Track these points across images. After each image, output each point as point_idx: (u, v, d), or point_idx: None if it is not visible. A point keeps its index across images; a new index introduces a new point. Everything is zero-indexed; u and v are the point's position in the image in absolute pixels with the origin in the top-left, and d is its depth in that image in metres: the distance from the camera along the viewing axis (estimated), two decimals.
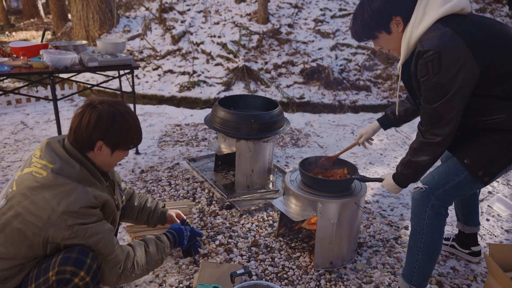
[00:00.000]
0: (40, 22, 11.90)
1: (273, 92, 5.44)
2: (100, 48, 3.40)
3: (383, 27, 1.65)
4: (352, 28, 1.74)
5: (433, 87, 1.50)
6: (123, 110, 1.55)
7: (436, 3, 1.54)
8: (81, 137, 1.50)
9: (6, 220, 1.39)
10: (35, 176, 1.41)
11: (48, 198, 1.37)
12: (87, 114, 1.49)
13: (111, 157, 1.58)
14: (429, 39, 1.49)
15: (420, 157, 1.65)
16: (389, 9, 1.60)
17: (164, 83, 5.73)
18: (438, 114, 1.53)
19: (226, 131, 2.87)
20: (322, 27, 6.53)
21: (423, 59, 1.49)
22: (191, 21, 6.77)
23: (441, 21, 1.52)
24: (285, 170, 3.42)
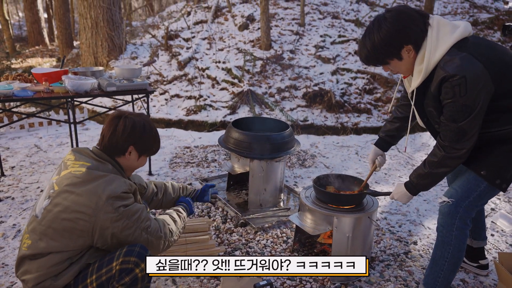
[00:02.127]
0: (45, 49, 12.19)
1: (277, 115, 5.62)
2: (118, 73, 3.58)
3: (395, 55, 1.74)
4: (361, 54, 1.81)
5: (460, 108, 1.63)
6: (149, 121, 1.81)
7: (447, 30, 1.67)
8: (116, 142, 1.70)
9: (54, 215, 1.55)
10: (75, 174, 1.59)
11: (93, 188, 1.55)
12: (121, 122, 1.71)
13: (137, 161, 1.80)
14: (451, 64, 1.61)
15: (440, 169, 1.78)
16: (400, 39, 1.69)
17: (171, 107, 5.90)
18: (463, 131, 1.67)
19: (240, 152, 3.01)
20: (323, 53, 6.79)
21: (449, 82, 1.61)
22: (196, 48, 7.02)
23: (455, 46, 1.65)
24: (294, 189, 3.53)
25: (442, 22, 1.70)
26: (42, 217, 1.57)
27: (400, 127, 2.22)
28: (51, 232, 1.54)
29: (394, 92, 6.17)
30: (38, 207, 1.62)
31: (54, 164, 4.01)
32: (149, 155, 1.86)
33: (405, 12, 1.71)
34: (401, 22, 1.68)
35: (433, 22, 1.70)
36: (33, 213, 1.63)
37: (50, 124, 5.17)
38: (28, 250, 1.56)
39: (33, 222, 1.60)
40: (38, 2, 12.12)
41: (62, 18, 9.71)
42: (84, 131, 5.11)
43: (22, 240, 1.63)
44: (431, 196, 3.59)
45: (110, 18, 6.69)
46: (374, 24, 1.74)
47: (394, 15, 1.70)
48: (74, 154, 1.70)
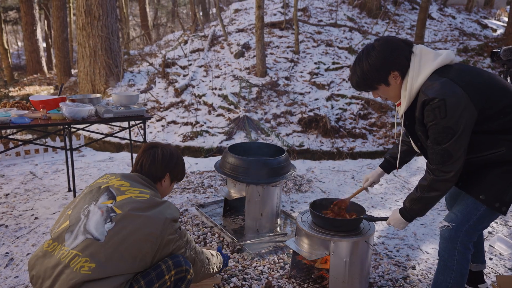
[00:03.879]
0: (43, 78, 12.33)
1: (274, 141, 5.65)
2: (115, 100, 3.62)
3: (383, 80, 1.84)
4: (352, 80, 1.93)
5: (442, 130, 1.68)
6: (178, 151, 2.01)
7: (429, 57, 1.77)
8: (155, 170, 1.87)
9: (122, 238, 1.58)
10: (139, 200, 1.69)
11: (158, 212, 1.68)
12: (160, 151, 1.89)
13: (169, 187, 1.97)
14: (431, 88, 1.69)
15: (431, 193, 1.80)
16: (387, 65, 1.80)
17: (167, 133, 5.94)
18: (448, 153, 1.70)
19: (236, 176, 3.01)
20: (317, 79, 6.91)
21: (429, 106, 1.68)
22: (193, 75, 7.13)
23: (437, 72, 1.74)
24: (291, 214, 3.52)
25: (425, 51, 1.79)
26: (106, 240, 1.56)
27: (406, 150, 2.26)
28: (118, 255, 1.56)
29: (394, 120, 6.22)
30: (96, 230, 1.58)
31: (50, 191, 3.99)
32: (178, 181, 2.03)
33: (392, 41, 1.81)
34: (388, 50, 1.79)
35: (417, 50, 1.80)
36: (86, 236, 1.58)
37: (46, 151, 5.17)
38: (92, 274, 1.50)
39: (91, 245, 1.55)
40: (38, 32, 12.35)
41: (61, 47, 9.88)
42: (80, 157, 5.11)
43: (74, 262, 1.53)
44: (428, 220, 3.58)
45: (108, 46, 6.82)
46: (364, 52, 1.85)
47: (382, 44, 1.81)
48: (127, 180, 1.79)
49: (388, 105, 6.44)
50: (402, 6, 10.79)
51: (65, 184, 4.16)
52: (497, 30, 10.79)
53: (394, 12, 9.90)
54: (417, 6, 10.57)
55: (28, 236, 3.06)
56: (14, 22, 15.21)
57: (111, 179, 1.79)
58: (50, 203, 3.67)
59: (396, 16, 10.02)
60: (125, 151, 5.61)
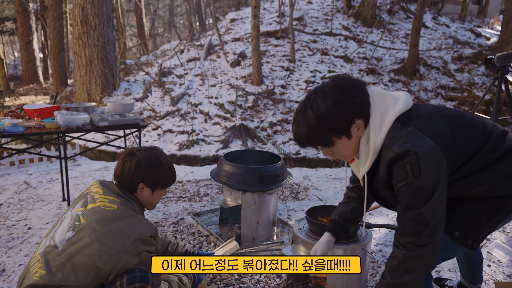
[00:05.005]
0: (39, 88, 12.31)
1: (270, 149, 5.64)
2: (110, 108, 3.60)
3: (344, 131, 1.44)
4: (298, 132, 1.48)
5: (416, 191, 1.36)
6: (158, 154, 1.82)
7: (388, 102, 1.46)
8: (124, 181, 1.74)
9: (77, 249, 1.51)
10: (105, 210, 1.58)
11: (122, 227, 1.56)
12: (127, 161, 1.75)
13: (153, 196, 1.81)
14: (396, 141, 1.37)
15: (405, 276, 1.42)
16: (352, 111, 1.41)
17: (163, 142, 5.91)
18: (424, 219, 1.37)
19: (232, 184, 2.99)
20: (313, 87, 6.92)
21: (399, 162, 1.36)
22: (189, 84, 7.14)
23: (398, 120, 1.43)
24: (288, 222, 3.49)
25: (381, 93, 1.49)
26: (63, 248, 1.52)
27: (356, 208, 1.89)
28: (70, 266, 1.50)
29: None
30: (58, 237, 1.56)
31: (44, 200, 3.94)
32: (164, 187, 1.85)
33: (349, 80, 1.48)
34: (349, 90, 1.43)
35: (372, 93, 1.47)
36: (50, 242, 1.57)
37: (41, 160, 5.13)
38: (40, 280, 1.49)
39: (50, 252, 1.54)
40: (34, 42, 12.37)
41: (57, 57, 9.89)
42: (75, 167, 5.07)
43: (32, 267, 1.55)
44: None
45: (104, 56, 6.82)
46: (316, 93, 1.44)
47: (338, 84, 1.45)
48: (103, 188, 1.71)
49: None
50: (397, 15, 10.90)
51: (60, 193, 4.12)
52: (490, 38, 10.91)
53: (388, 21, 9.99)
54: (411, 15, 10.68)
55: (20, 247, 3.01)
56: (11, 32, 15.24)
57: (92, 185, 1.76)
58: (44, 213, 3.63)
59: (390, 25, 10.11)
60: None
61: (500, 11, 16.84)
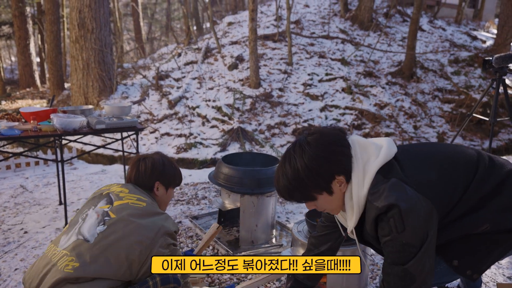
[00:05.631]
0: (36, 91, 12.26)
1: (268, 152, 5.63)
2: (107, 111, 3.58)
3: (324, 188, 1.39)
4: (278, 187, 1.43)
5: (400, 248, 1.30)
6: (166, 157, 2.00)
7: (371, 153, 1.40)
8: (142, 181, 1.86)
9: (111, 241, 1.57)
10: (136, 207, 1.68)
11: (153, 222, 1.65)
12: (142, 163, 1.89)
13: (166, 194, 1.94)
14: (379, 196, 1.31)
15: None
16: (331, 167, 1.36)
17: (161, 145, 5.89)
18: (410, 275, 1.30)
19: (230, 187, 2.97)
20: (311, 90, 6.93)
21: (383, 216, 1.31)
22: (186, 87, 7.12)
23: (380, 172, 1.36)
24: (286, 225, 3.47)
25: (363, 144, 1.42)
26: (95, 241, 1.57)
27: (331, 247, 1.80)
28: (104, 258, 1.54)
29: (388, 131, 6.22)
30: (88, 231, 1.61)
31: (40, 204, 3.91)
32: (175, 186, 2.02)
33: (331, 134, 1.41)
34: (330, 147, 1.37)
35: (354, 145, 1.41)
36: (77, 237, 1.61)
37: (38, 164, 5.09)
38: (74, 272, 1.50)
39: (80, 245, 1.57)
40: (31, 46, 12.33)
41: (54, 61, 9.86)
42: (72, 170, 5.03)
43: (61, 261, 1.55)
44: None
45: (101, 59, 6.80)
46: (295, 148, 1.39)
47: (318, 138, 1.38)
48: (127, 187, 1.80)
49: (382, 116, 6.46)
50: (393, 19, 10.95)
51: (56, 197, 4.09)
52: (486, 41, 10.97)
53: (385, 25, 10.03)
54: (408, 19, 10.73)
55: (16, 251, 2.97)
56: (8, 37, 15.21)
57: (113, 186, 1.83)
58: (40, 217, 3.59)
59: (387, 28, 10.15)
60: (118, 164, 5.54)
61: (495, 15, 16.96)
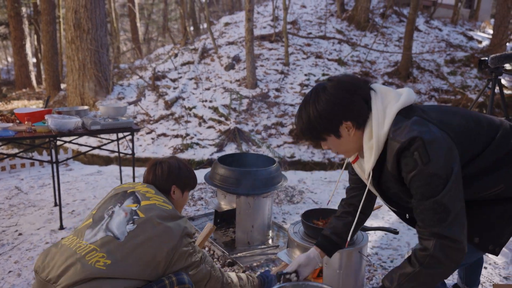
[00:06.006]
0: (32, 92, 12.21)
1: (265, 152, 5.61)
2: (103, 112, 3.56)
3: (332, 131, 1.47)
4: (297, 127, 1.56)
5: (428, 179, 1.30)
6: (181, 161, 2.02)
7: (391, 98, 1.45)
8: (160, 185, 1.88)
9: (140, 241, 1.59)
10: (162, 208, 1.71)
11: (178, 225, 1.70)
12: (158, 167, 1.91)
13: (182, 198, 1.97)
14: (401, 131, 1.35)
15: (436, 266, 1.32)
16: (339, 114, 1.43)
17: (157, 146, 5.87)
18: (443, 207, 1.30)
19: (226, 188, 2.95)
20: (308, 91, 6.91)
21: (406, 152, 1.33)
22: (183, 87, 7.10)
23: (401, 113, 1.41)
24: (283, 226, 3.46)
25: (384, 90, 1.49)
26: (125, 240, 1.58)
27: (350, 222, 1.79)
28: (133, 258, 1.56)
29: None
30: (117, 229, 1.61)
31: (35, 206, 3.88)
32: (190, 189, 2.04)
33: (347, 82, 1.48)
34: (342, 94, 1.44)
35: (376, 89, 1.49)
36: (106, 233, 1.60)
37: (33, 165, 5.06)
38: (106, 270, 1.51)
39: (110, 242, 1.57)
40: (27, 47, 12.28)
41: (50, 61, 9.82)
42: (67, 171, 5.00)
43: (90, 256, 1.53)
44: None
45: (97, 60, 6.77)
46: (312, 94, 1.49)
47: (334, 86, 1.46)
48: (152, 188, 1.82)
49: None
50: (390, 19, 10.96)
51: (51, 199, 4.06)
52: (482, 42, 11.00)
53: (382, 25, 10.04)
54: (404, 19, 10.75)
55: (10, 253, 2.95)
56: (4, 37, 15.13)
57: (137, 185, 1.84)
58: (35, 219, 3.57)
59: (384, 28, 10.16)
60: (114, 164, 5.52)
61: (491, 15, 17.02)
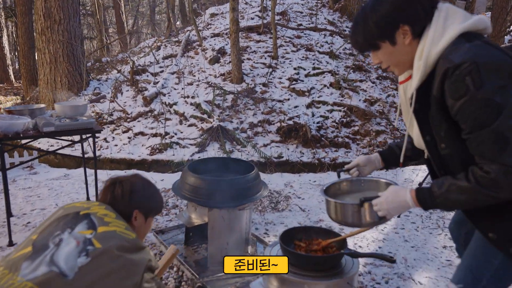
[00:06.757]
0: (10, 87, 11.65)
1: (250, 152, 5.21)
2: (59, 111, 3.13)
3: (388, 36, 1.37)
4: (352, 36, 1.48)
5: (482, 104, 1.16)
6: (146, 181, 1.70)
7: (457, 17, 1.30)
8: (118, 208, 1.53)
9: (95, 278, 1.28)
10: (123, 236, 1.41)
11: (141, 257, 1.41)
12: (118, 187, 1.58)
13: (145, 224, 1.67)
14: (456, 52, 1.21)
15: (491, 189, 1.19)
16: (397, 16, 1.34)
17: (134, 145, 5.43)
18: (501, 136, 1.15)
19: (197, 199, 2.55)
20: (297, 86, 6.51)
21: (455, 76, 1.18)
22: (164, 82, 6.65)
23: (464, 36, 1.25)
24: (264, 239, 3.06)
25: (453, 9, 1.33)
26: (76, 278, 1.27)
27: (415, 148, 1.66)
28: None
29: (379, 127, 5.85)
30: (65, 263, 1.28)
31: None
32: (155, 214, 1.74)
33: None
34: None
35: (442, 7, 1.33)
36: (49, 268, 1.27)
37: None
38: None
39: (55, 280, 1.25)
40: (4, 39, 11.71)
41: (27, 55, 9.28)
42: (31, 175, 4.56)
43: None
44: (419, 241, 3.17)
45: (70, 53, 6.30)
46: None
47: None
48: (113, 212, 1.51)
49: (372, 112, 6.07)
50: None
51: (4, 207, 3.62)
52: None
53: None
54: None
55: None
56: None
57: (93, 206, 1.52)
58: None
59: None
60: None
61: (486, 8, 16.73)
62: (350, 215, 1.58)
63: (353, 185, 1.87)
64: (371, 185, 1.82)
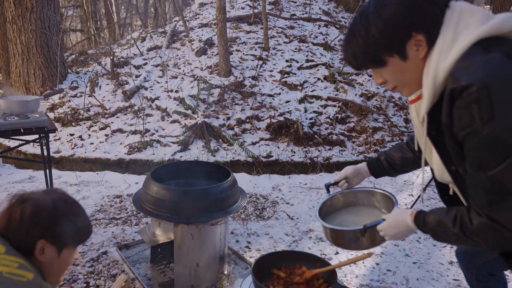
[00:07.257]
0: None
1: (237, 151, 4.80)
2: (4, 107, 2.69)
3: (397, 48, 1.07)
4: (347, 49, 1.15)
5: (485, 143, 0.94)
6: (63, 199, 1.26)
7: (474, 19, 1.00)
8: (14, 238, 1.16)
9: None
10: (12, 280, 1.06)
11: None
12: (17, 210, 1.18)
13: (59, 259, 1.23)
14: (466, 69, 0.94)
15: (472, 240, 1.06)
16: (409, 22, 1.03)
17: (111, 144, 5.00)
18: (498, 186, 0.95)
19: (160, 214, 2.14)
20: (289, 79, 6.09)
21: (461, 100, 0.94)
22: (146, 75, 6.21)
23: (480, 44, 0.97)
24: (245, 255, 2.66)
25: (468, 8, 1.03)
26: None
27: (407, 158, 1.58)
28: None
29: (377, 124, 5.44)
30: None
31: None
32: (76, 245, 1.31)
33: None
34: None
35: (455, 6, 1.03)
36: None
37: None
38: None
39: None
40: None
41: (4, 46, 8.76)
42: None
43: None
44: (422, 257, 2.78)
45: (44, 43, 5.83)
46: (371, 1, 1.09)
47: None
48: (4, 244, 1.14)
49: (369, 108, 5.66)
50: None
51: None
52: None
53: None
54: None
55: None
56: None
57: None
58: None
59: None
60: (53, 168, 4.64)
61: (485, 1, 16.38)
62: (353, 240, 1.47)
63: (345, 198, 1.79)
64: (364, 197, 1.75)
